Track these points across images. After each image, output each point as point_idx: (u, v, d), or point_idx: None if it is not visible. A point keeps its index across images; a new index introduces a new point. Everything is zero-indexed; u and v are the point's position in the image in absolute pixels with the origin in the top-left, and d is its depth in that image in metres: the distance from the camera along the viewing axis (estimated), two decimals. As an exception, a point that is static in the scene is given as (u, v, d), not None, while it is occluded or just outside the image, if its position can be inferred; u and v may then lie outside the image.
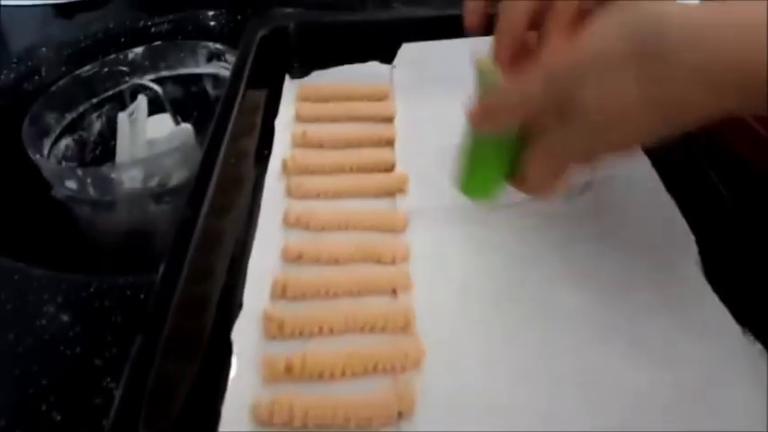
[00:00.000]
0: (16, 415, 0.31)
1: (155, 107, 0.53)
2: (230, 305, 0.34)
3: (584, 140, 0.27)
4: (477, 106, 0.29)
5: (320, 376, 0.30)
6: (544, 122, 0.28)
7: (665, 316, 0.31)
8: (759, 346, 0.28)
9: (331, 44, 0.51)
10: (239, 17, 0.65)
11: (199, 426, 0.28)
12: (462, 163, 0.32)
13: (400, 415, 0.28)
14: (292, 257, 0.36)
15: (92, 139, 0.54)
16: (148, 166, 0.42)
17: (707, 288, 0.32)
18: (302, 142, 0.44)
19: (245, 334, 0.32)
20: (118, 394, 0.29)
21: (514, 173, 0.30)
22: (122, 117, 0.46)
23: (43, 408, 0.31)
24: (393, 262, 0.35)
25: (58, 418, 0.31)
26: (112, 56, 0.54)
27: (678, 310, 0.31)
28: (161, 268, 0.34)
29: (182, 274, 0.32)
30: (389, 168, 0.42)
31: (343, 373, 0.30)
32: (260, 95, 0.48)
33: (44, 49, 0.59)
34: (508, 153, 0.30)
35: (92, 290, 0.37)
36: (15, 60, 0.58)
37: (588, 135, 0.27)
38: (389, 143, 0.44)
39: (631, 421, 0.27)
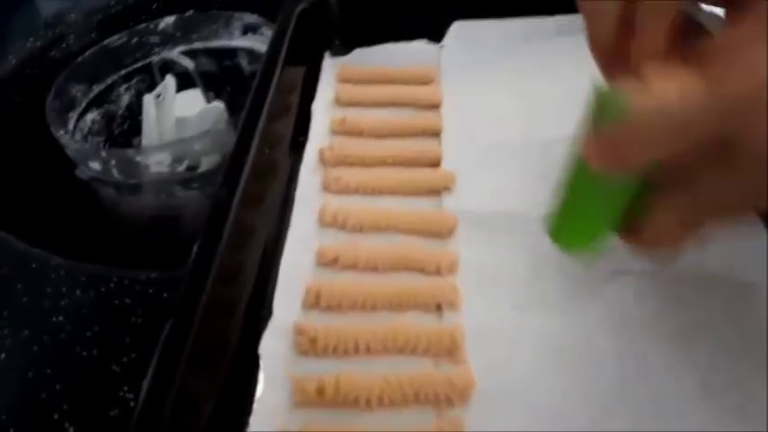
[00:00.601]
0: (26, 422, 0.29)
1: (185, 81, 0.50)
2: (260, 308, 0.31)
3: (742, 191, 0.20)
4: (601, 140, 0.21)
5: (355, 402, 0.27)
6: (688, 163, 0.20)
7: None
8: None
9: (375, 20, 0.47)
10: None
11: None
12: (559, 203, 0.24)
13: (445, 458, 0.25)
14: (327, 261, 0.33)
15: (119, 112, 0.51)
16: (176, 149, 0.39)
17: None
18: (341, 129, 0.40)
19: (273, 347, 0.29)
20: (136, 411, 0.26)
21: (627, 221, 0.23)
22: (148, 100, 0.43)
23: (55, 417, 0.29)
24: (438, 272, 0.32)
25: (71, 430, 0.28)
26: (142, 25, 0.51)
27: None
28: (188, 268, 0.31)
29: (210, 275, 0.30)
30: (435, 163, 0.38)
31: (381, 401, 0.27)
32: (297, 74, 0.45)
33: (72, 15, 0.56)
34: (625, 198, 0.22)
35: (112, 285, 0.35)
36: (43, 27, 0.55)
37: (751, 184, 0.20)
38: (435, 134, 0.40)
39: None
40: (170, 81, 0.43)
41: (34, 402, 0.30)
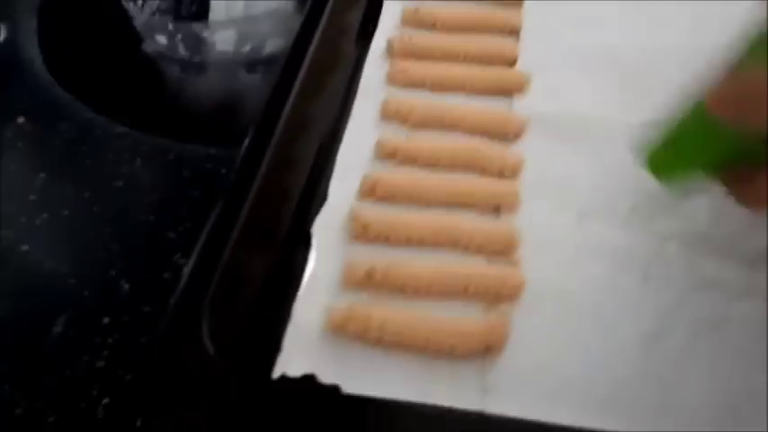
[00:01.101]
0: (85, 277, 0.30)
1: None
2: (314, 197, 0.31)
3: None
4: (735, 89, 0.19)
5: (403, 289, 0.27)
6: None
7: None
8: None
9: None
10: None
11: (266, 320, 0.26)
12: (665, 135, 0.23)
13: (487, 349, 0.25)
14: (386, 154, 0.32)
15: (188, -6, 0.50)
16: (242, 27, 0.38)
17: None
18: (413, 20, 0.38)
19: (326, 230, 0.29)
20: (185, 273, 0.27)
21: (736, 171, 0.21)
22: (218, -34, 0.41)
23: (112, 273, 0.30)
24: (501, 174, 0.31)
25: (126, 287, 0.29)
26: None
27: None
28: (242, 150, 0.31)
29: (264, 159, 0.30)
30: (511, 63, 0.36)
31: (429, 291, 0.26)
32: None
33: None
34: (738, 150, 0.21)
35: (171, 156, 0.35)
36: None
37: None
38: (514, 32, 0.37)
39: None
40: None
41: (93, 259, 0.31)
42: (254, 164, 0.30)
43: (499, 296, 0.26)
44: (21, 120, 0.37)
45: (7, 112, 0.37)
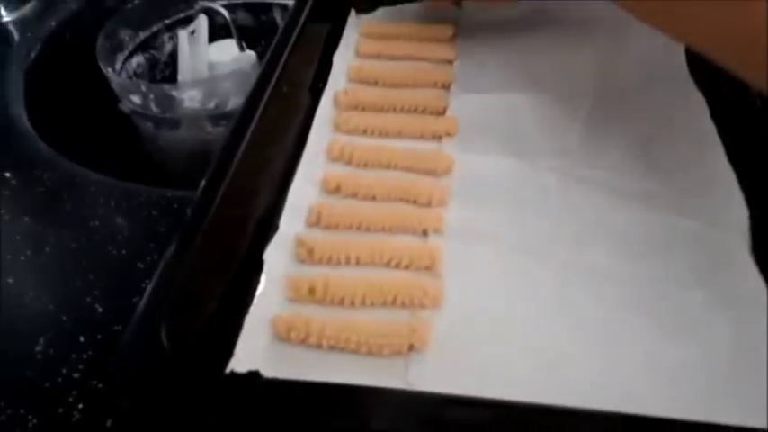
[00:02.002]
0: (64, 304, 0.34)
1: (223, 33, 0.54)
2: (269, 228, 0.35)
3: None
4: None
5: (341, 302, 0.31)
6: None
7: (696, 285, 0.29)
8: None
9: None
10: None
11: (220, 333, 0.30)
12: None
13: (411, 348, 0.29)
14: (331, 189, 0.37)
15: (162, 59, 0.56)
16: (207, 87, 0.43)
17: (747, 258, 0.30)
18: (358, 78, 0.44)
19: (277, 255, 0.33)
20: (145, 294, 0.31)
21: None
22: (182, 35, 0.47)
23: (88, 299, 0.34)
24: (429, 204, 0.35)
25: (100, 309, 0.33)
26: (188, -21, 0.56)
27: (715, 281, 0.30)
28: (200, 185, 0.35)
29: (218, 193, 0.34)
30: (441, 112, 0.41)
31: (363, 302, 0.31)
32: (323, 29, 0.48)
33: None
34: None
35: (142, 199, 0.39)
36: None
37: None
38: (445, 86, 0.43)
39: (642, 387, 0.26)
40: (202, 19, 0.48)
41: (71, 288, 0.35)
42: (211, 199, 0.34)
43: (423, 304, 0.30)
44: (7, 174, 0.41)
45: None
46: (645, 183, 0.34)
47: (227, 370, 0.27)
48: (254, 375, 0.27)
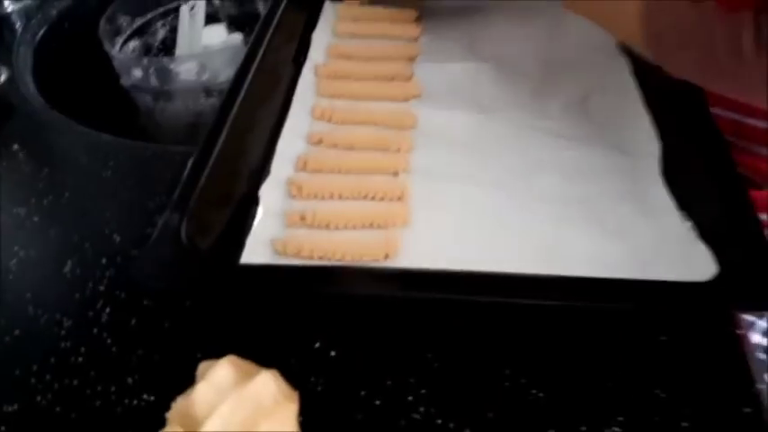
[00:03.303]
0: (86, 234, 0.39)
1: (212, 20, 0.60)
2: (261, 174, 0.41)
3: None
4: None
5: (327, 226, 0.37)
6: None
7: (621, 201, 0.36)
8: (690, 223, 0.34)
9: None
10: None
11: (228, 246, 0.35)
12: None
13: (386, 257, 0.35)
14: (315, 141, 0.43)
15: (155, 44, 0.61)
16: (202, 60, 0.49)
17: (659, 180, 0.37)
18: (335, 53, 0.50)
19: (270, 193, 0.39)
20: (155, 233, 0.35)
21: None
22: (184, 10, 0.53)
23: (106, 231, 0.39)
24: (398, 150, 0.42)
25: (117, 239, 0.38)
26: (180, -29, 0.61)
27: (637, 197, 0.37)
28: (200, 143, 0.40)
29: (217, 144, 0.39)
30: (408, 79, 0.48)
31: (345, 225, 0.37)
32: (302, 13, 0.54)
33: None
34: None
35: (148, 154, 0.45)
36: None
37: None
38: (412, 59, 0.50)
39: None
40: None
41: (91, 223, 0.40)
42: (210, 149, 0.39)
43: (394, 224, 0.36)
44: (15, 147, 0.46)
45: (9, 135, 0.47)
46: (582, 128, 0.42)
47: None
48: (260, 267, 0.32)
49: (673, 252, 0.33)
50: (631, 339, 0.32)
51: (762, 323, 0.43)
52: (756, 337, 0.43)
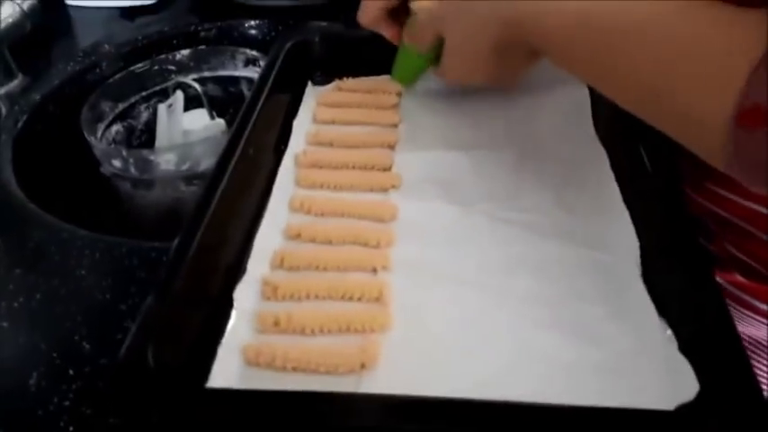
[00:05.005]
0: (54, 342, 0.38)
1: (195, 103, 0.60)
2: (238, 272, 0.40)
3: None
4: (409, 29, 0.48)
5: (302, 331, 0.36)
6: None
7: (598, 303, 0.35)
8: (670, 332, 0.33)
9: (351, 57, 0.57)
10: (280, 27, 0.72)
11: (198, 361, 0.34)
12: (397, 62, 0.52)
13: (363, 366, 0.34)
14: (292, 235, 0.42)
15: (139, 127, 0.62)
16: (182, 151, 0.49)
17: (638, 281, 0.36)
18: (315, 141, 0.50)
19: (245, 294, 0.38)
20: (130, 334, 0.34)
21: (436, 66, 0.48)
22: (161, 107, 0.53)
23: (76, 338, 0.38)
24: (378, 245, 0.41)
25: (87, 347, 0.37)
26: (163, 56, 0.62)
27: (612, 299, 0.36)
28: (177, 236, 0.40)
29: (193, 242, 0.38)
30: (387, 168, 0.47)
31: (321, 330, 0.36)
32: (284, 99, 0.55)
33: (106, 46, 0.68)
34: (426, 60, 0.49)
35: (124, 250, 0.44)
36: (81, 55, 0.66)
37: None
38: (391, 146, 0.50)
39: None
40: (179, 94, 0.54)
41: (61, 328, 0.39)
42: (186, 248, 0.39)
43: (372, 329, 0.35)
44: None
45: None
46: (557, 221, 0.41)
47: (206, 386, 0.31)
48: (228, 391, 0.31)
49: (651, 365, 0.32)
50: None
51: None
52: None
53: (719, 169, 0.32)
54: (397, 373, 0.33)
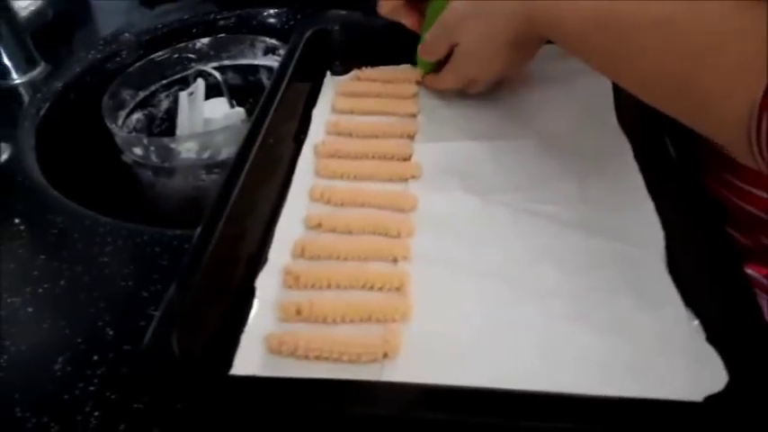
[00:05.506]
0: (79, 328, 0.38)
1: (215, 92, 0.60)
2: (259, 261, 0.40)
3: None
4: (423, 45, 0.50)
5: (324, 320, 0.36)
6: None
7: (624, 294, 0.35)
8: (697, 322, 0.33)
9: (370, 46, 0.57)
10: (299, 16, 0.71)
11: (221, 349, 0.35)
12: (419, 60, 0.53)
13: (385, 355, 0.34)
14: (313, 225, 0.42)
15: (159, 115, 0.62)
16: (202, 140, 0.49)
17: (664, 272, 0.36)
18: (335, 130, 0.50)
19: (267, 283, 0.38)
20: (153, 323, 0.35)
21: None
22: (183, 95, 0.53)
23: (99, 324, 0.38)
24: (398, 236, 0.41)
25: (110, 333, 0.38)
26: (183, 44, 0.62)
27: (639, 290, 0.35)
28: (199, 226, 0.40)
29: (215, 232, 0.38)
30: (407, 158, 0.47)
31: (343, 320, 0.36)
32: (303, 88, 0.55)
33: (126, 34, 0.68)
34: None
35: (146, 238, 0.44)
36: (102, 43, 0.67)
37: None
38: (410, 137, 0.49)
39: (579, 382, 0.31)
40: (200, 82, 0.54)
41: (85, 315, 0.39)
42: (208, 238, 0.39)
43: (393, 319, 0.36)
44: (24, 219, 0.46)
45: (9, 213, 0.47)
46: (581, 212, 0.41)
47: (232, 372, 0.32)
48: (251, 378, 0.32)
49: (679, 356, 0.32)
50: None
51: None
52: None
53: (741, 159, 0.32)
54: (419, 362, 0.33)
